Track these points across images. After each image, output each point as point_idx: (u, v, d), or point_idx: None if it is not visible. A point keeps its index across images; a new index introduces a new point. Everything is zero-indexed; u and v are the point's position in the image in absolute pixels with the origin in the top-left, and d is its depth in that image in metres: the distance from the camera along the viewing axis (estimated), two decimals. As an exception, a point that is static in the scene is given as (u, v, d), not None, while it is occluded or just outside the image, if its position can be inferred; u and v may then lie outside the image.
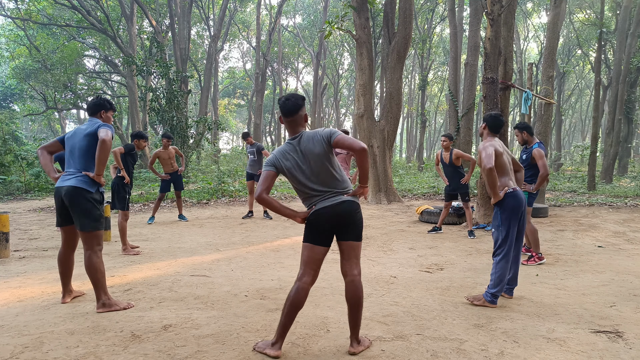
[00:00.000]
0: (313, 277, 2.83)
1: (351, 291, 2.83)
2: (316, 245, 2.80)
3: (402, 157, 52.00)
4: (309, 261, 2.82)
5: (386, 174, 12.24)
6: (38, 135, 26.30)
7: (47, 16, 24.04)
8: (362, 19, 12.00)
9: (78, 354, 2.85)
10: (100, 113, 3.89)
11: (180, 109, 16.67)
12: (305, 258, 2.83)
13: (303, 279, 2.81)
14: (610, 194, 13.54)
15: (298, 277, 2.83)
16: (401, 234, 7.63)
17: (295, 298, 2.77)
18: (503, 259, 3.82)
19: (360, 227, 2.86)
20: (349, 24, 20.10)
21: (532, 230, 5.51)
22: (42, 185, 14.44)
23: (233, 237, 7.31)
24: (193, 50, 31.61)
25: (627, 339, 3.15)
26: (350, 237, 2.82)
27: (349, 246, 2.84)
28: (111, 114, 3.98)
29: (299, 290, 2.78)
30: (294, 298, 2.77)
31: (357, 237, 2.85)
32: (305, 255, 2.83)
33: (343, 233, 2.82)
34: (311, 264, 2.82)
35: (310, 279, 2.82)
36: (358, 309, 2.84)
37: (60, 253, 3.85)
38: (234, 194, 13.42)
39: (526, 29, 36.82)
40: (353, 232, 2.82)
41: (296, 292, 2.78)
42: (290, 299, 2.78)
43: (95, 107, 3.89)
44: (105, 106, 3.93)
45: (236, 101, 51.78)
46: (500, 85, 8.28)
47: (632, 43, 18.58)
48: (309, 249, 2.82)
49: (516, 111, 37.57)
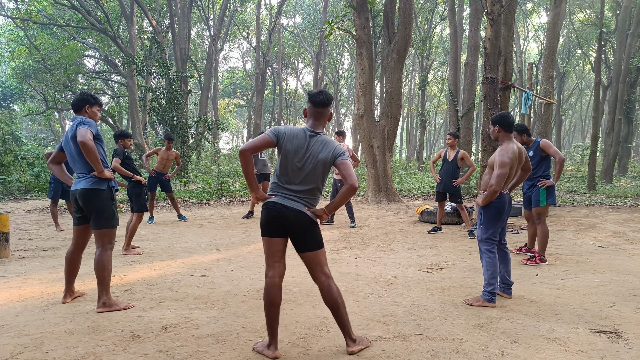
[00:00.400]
0: (280, 270, 2.84)
1: (326, 296, 2.84)
2: (271, 237, 2.82)
3: (402, 157, 52.01)
4: (269, 254, 2.84)
5: (386, 174, 12.24)
6: (38, 136, 26.28)
7: (47, 16, 24.04)
8: (362, 19, 12.00)
9: (78, 354, 2.85)
10: (85, 109, 3.81)
11: (180, 109, 16.68)
12: (266, 252, 2.85)
13: (270, 274, 2.82)
14: (610, 194, 13.54)
15: (265, 274, 2.84)
16: (401, 234, 7.63)
17: (268, 296, 2.79)
18: (490, 255, 3.91)
19: (317, 238, 2.83)
20: (349, 24, 20.11)
21: (544, 232, 5.46)
22: (42, 185, 14.44)
23: (233, 237, 7.31)
24: (193, 50, 31.63)
25: (627, 339, 3.15)
26: (306, 249, 2.82)
27: (308, 257, 2.84)
28: (97, 109, 3.90)
29: (268, 287, 2.80)
30: (266, 296, 2.80)
31: (314, 247, 2.83)
32: (265, 249, 2.86)
33: (298, 244, 2.82)
34: (272, 257, 2.83)
35: (277, 272, 2.83)
36: (339, 310, 2.84)
37: (69, 252, 3.88)
38: (234, 194, 13.42)
39: (526, 29, 36.82)
40: (309, 244, 2.81)
41: (267, 290, 2.80)
42: (264, 298, 2.81)
43: (80, 102, 3.81)
44: (90, 101, 3.83)
45: (236, 101, 51.79)
46: (500, 85, 8.28)
47: (632, 43, 18.58)
48: (267, 241, 2.84)
49: (516, 111, 37.58)
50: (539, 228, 5.51)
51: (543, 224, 5.49)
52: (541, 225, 5.49)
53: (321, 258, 2.86)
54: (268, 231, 2.82)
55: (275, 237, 2.82)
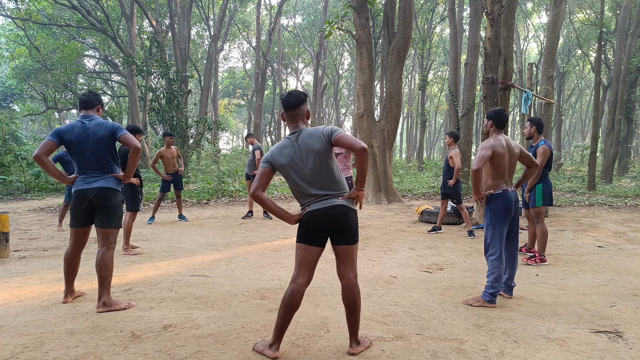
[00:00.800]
0: (308, 278, 2.81)
1: (348, 294, 2.82)
2: (310, 245, 2.77)
3: (402, 157, 52.02)
4: (303, 262, 2.79)
5: (386, 174, 12.24)
6: (38, 136, 26.32)
7: (47, 16, 24.04)
8: (362, 19, 12.00)
9: (78, 354, 2.85)
10: (98, 108, 3.87)
11: (180, 109, 16.66)
12: (300, 258, 2.80)
13: (298, 280, 2.78)
14: (610, 194, 13.54)
15: (293, 279, 2.80)
16: (401, 234, 7.63)
17: (290, 300, 2.75)
18: (497, 258, 3.86)
19: (355, 230, 2.83)
20: (349, 24, 20.11)
21: (544, 232, 5.47)
22: (42, 185, 14.44)
23: (233, 237, 7.31)
24: (193, 50, 31.62)
25: (627, 339, 3.15)
26: (344, 241, 2.79)
27: (344, 250, 2.81)
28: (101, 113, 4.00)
29: (294, 292, 2.76)
30: (289, 300, 2.75)
31: (351, 241, 2.81)
32: (300, 255, 2.80)
33: (337, 237, 2.79)
34: (305, 265, 2.79)
35: (305, 280, 2.79)
36: (355, 311, 2.83)
37: (69, 253, 3.85)
38: (234, 194, 13.43)
39: (526, 29, 36.82)
40: (347, 236, 2.79)
41: (291, 294, 2.76)
42: (285, 301, 2.76)
43: (97, 101, 3.85)
44: (102, 102, 3.95)
45: (236, 101, 51.78)
46: (500, 85, 8.28)
47: (632, 43, 18.57)
48: (303, 249, 2.79)
49: (516, 111, 37.59)
50: (537, 228, 5.52)
51: (542, 224, 5.50)
52: (540, 225, 5.50)
53: (354, 253, 2.85)
54: (308, 239, 2.77)
55: (314, 245, 2.77)
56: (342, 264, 2.83)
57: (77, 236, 3.83)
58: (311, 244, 2.77)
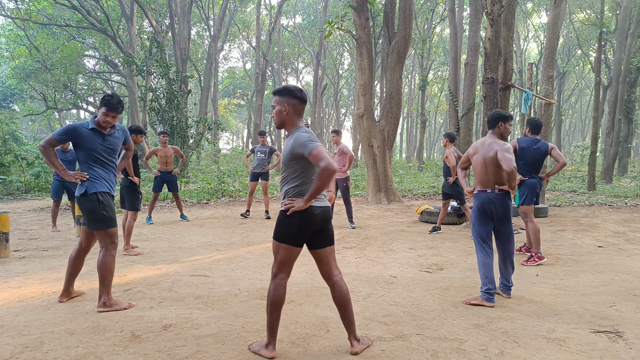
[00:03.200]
0: (288, 274, 2.85)
1: (338, 292, 2.84)
2: (296, 247, 2.76)
3: (402, 157, 52.04)
4: (288, 262, 2.79)
5: (386, 174, 12.24)
6: (38, 136, 26.31)
7: (47, 16, 24.03)
8: (362, 19, 12.00)
9: (78, 354, 2.85)
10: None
11: (180, 109, 16.65)
12: (286, 260, 2.77)
13: (279, 276, 2.79)
14: (610, 194, 13.54)
15: (274, 275, 2.80)
16: (401, 234, 7.63)
17: (276, 295, 2.77)
18: (479, 253, 3.99)
19: (332, 231, 2.90)
20: (349, 24, 20.08)
21: (534, 229, 5.51)
22: (42, 185, 14.43)
23: (233, 237, 7.31)
24: (193, 50, 31.61)
25: (627, 339, 3.15)
26: (326, 243, 2.84)
27: (327, 252, 2.84)
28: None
29: (277, 287, 2.77)
30: (274, 295, 2.77)
31: (332, 241, 2.88)
32: (286, 257, 2.77)
33: (320, 240, 2.82)
34: (289, 264, 2.80)
35: (287, 275, 2.83)
36: (348, 307, 2.85)
37: (75, 253, 3.88)
38: (234, 194, 13.43)
39: (526, 29, 36.81)
40: (328, 237, 2.85)
41: (275, 289, 2.77)
42: (271, 297, 2.77)
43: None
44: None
45: (236, 101, 51.77)
46: (500, 85, 8.28)
47: (632, 43, 18.57)
48: (292, 251, 2.76)
49: (516, 111, 37.58)
50: (527, 226, 5.59)
51: (531, 222, 5.56)
52: (529, 223, 5.57)
53: (334, 252, 2.92)
54: (297, 240, 2.75)
55: (299, 247, 2.77)
56: (327, 265, 2.86)
57: (84, 236, 3.91)
58: (298, 245, 2.77)
